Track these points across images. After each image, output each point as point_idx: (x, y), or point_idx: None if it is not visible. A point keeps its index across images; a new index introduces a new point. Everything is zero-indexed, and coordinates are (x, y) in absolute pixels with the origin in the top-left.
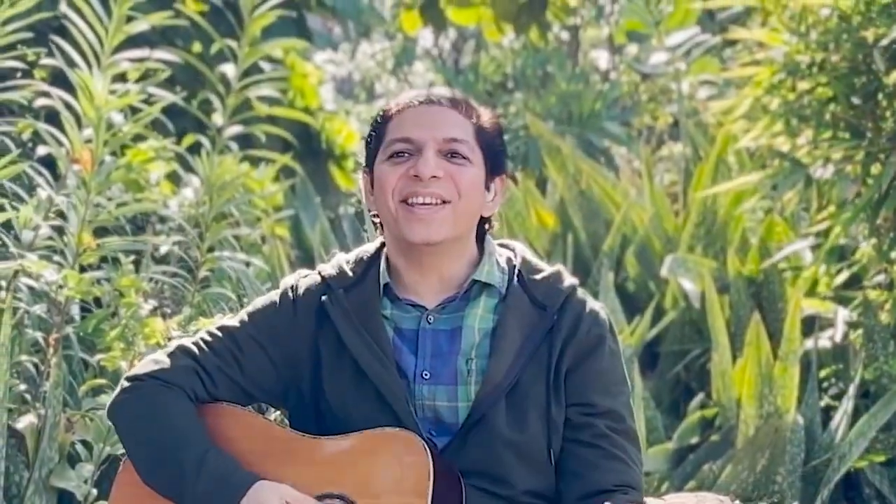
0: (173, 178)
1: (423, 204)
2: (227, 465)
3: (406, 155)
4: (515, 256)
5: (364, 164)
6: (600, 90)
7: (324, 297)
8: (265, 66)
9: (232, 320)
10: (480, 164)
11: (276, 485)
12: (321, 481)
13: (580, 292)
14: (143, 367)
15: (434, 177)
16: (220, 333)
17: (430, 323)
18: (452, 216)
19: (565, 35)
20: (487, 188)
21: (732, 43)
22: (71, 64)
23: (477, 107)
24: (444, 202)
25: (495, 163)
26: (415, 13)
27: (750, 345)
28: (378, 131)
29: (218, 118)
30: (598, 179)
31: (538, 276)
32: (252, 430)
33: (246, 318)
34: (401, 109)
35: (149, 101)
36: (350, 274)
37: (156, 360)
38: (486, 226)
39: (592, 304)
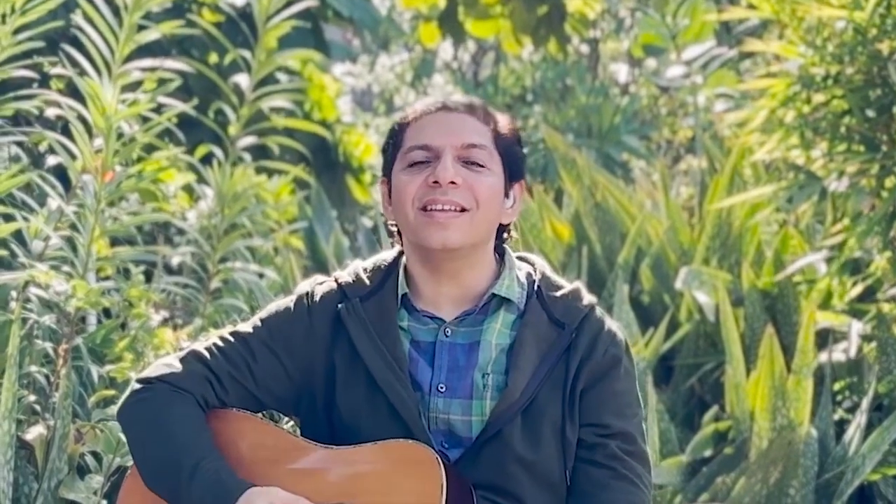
0: (189, 190)
1: (442, 210)
2: (221, 472)
3: (425, 163)
4: (535, 272)
5: (381, 174)
6: (619, 104)
7: (340, 306)
8: (283, 77)
9: (245, 326)
10: (499, 170)
11: (267, 489)
12: (332, 491)
13: (598, 311)
14: (155, 370)
15: (453, 183)
16: (232, 339)
17: (447, 336)
18: (470, 224)
19: (585, 48)
20: (507, 195)
21: (749, 55)
22: (83, 73)
23: (494, 113)
24: (462, 210)
25: (514, 169)
26: (433, 25)
27: (764, 358)
28: (395, 139)
29: (232, 129)
30: (613, 192)
31: (557, 294)
32: (263, 438)
33: (259, 323)
34: (417, 117)
35: (161, 111)
36: (367, 282)
37: (168, 365)
38: (505, 234)
39: (610, 323)
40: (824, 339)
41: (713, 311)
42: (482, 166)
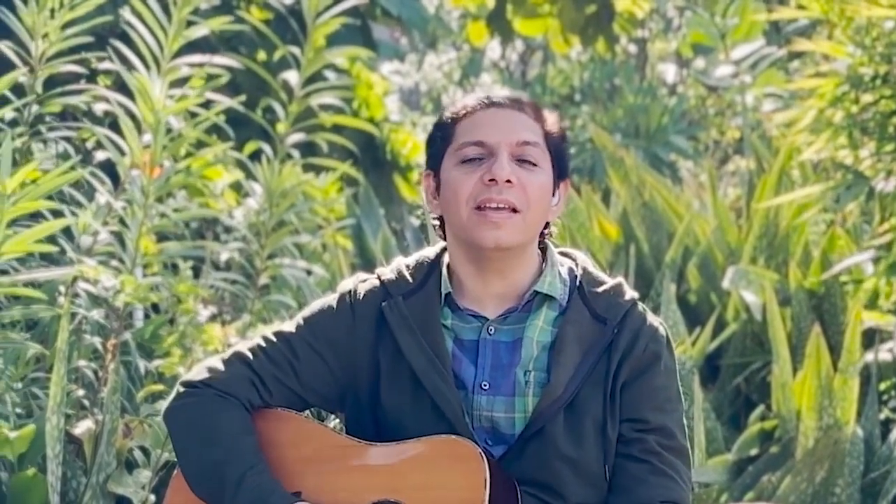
0: (237, 188)
1: (497, 209)
2: (266, 486)
3: (478, 159)
4: (577, 267)
5: (426, 167)
6: (667, 104)
7: (383, 304)
8: (331, 75)
9: (288, 325)
10: (549, 168)
11: None
12: (376, 488)
13: (640, 306)
14: (198, 373)
15: (508, 181)
16: (275, 339)
17: (490, 334)
18: (523, 224)
19: (633, 48)
20: (553, 193)
21: (798, 55)
22: (131, 69)
23: (543, 110)
24: (515, 211)
25: (562, 167)
26: (481, 24)
27: (810, 357)
28: (444, 132)
29: (281, 126)
30: (661, 191)
31: (599, 289)
32: (307, 436)
33: (302, 322)
34: (470, 112)
35: (210, 107)
36: (410, 280)
37: (211, 368)
38: (546, 230)
39: (652, 319)
40: (870, 338)
41: (760, 310)
42: (535, 164)
